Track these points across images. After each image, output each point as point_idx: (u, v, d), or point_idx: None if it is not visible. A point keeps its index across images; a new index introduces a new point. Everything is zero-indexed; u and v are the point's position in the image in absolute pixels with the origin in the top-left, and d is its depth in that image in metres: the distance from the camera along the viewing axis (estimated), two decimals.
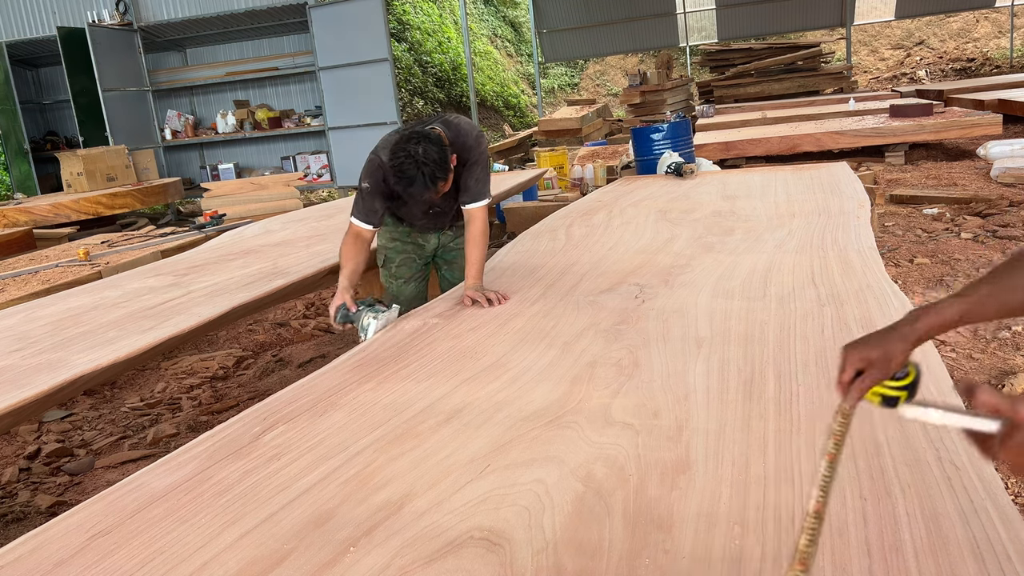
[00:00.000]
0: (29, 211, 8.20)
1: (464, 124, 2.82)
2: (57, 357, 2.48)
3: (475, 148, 2.78)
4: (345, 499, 1.43)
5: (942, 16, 18.57)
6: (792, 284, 2.52)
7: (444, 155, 2.54)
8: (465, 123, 2.83)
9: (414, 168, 2.47)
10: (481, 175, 2.80)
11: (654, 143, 6.94)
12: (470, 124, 2.85)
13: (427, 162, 2.48)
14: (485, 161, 2.82)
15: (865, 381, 1.07)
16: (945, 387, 1.64)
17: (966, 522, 1.17)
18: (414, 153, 2.48)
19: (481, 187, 2.80)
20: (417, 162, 2.47)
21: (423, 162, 2.47)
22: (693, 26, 17.96)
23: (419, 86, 16.22)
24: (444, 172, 2.54)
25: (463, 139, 2.76)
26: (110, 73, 10.89)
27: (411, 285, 3.16)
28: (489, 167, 2.85)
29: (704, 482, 1.36)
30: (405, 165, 2.48)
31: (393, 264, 3.15)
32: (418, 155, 2.47)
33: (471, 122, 2.88)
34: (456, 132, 2.76)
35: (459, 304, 2.69)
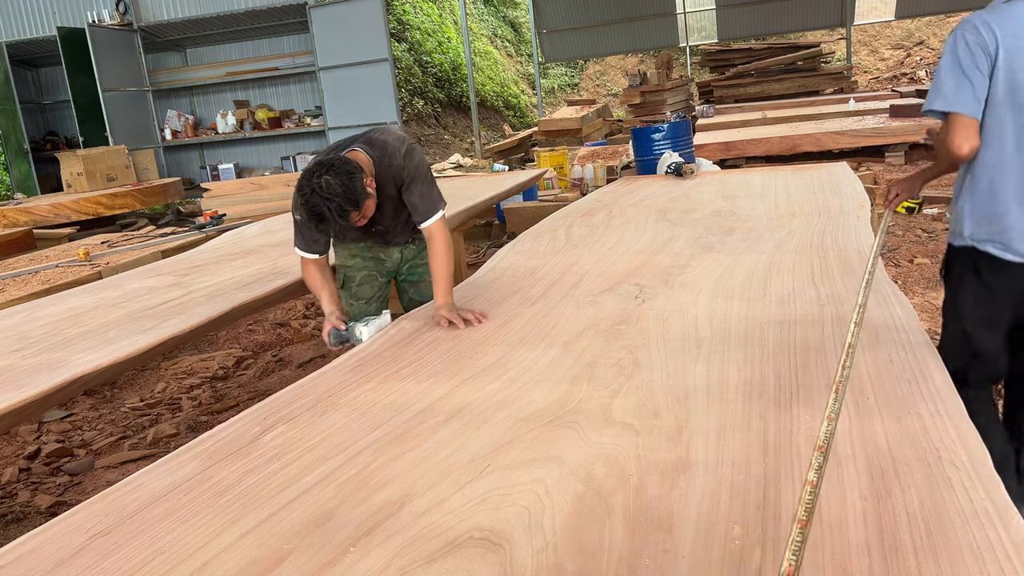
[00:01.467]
0: (29, 211, 8.20)
1: (391, 140, 2.63)
2: (57, 357, 2.48)
3: (406, 165, 2.60)
4: (345, 499, 1.43)
5: (942, 16, 18.56)
6: (792, 284, 2.52)
7: (351, 184, 2.35)
8: (393, 139, 2.64)
9: (320, 203, 2.32)
10: (424, 189, 2.62)
11: (654, 143, 6.94)
12: (398, 139, 2.66)
13: (331, 196, 2.31)
14: (423, 174, 2.64)
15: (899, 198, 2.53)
16: (946, 388, 1.64)
17: (966, 522, 1.17)
18: (317, 188, 2.32)
19: (427, 202, 2.63)
20: (322, 197, 2.31)
21: (326, 197, 2.31)
22: (693, 26, 17.95)
23: (419, 86, 16.22)
24: (353, 202, 2.36)
25: (389, 159, 2.59)
26: (110, 73, 10.89)
27: (374, 305, 2.96)
28: (430, 177, 2.67)
29: (704, 482, 1.36)
30: (312, 201, 2.33)
31: (353, 283, 2.95)
32: (321, 190, 2.31)
33: (399, 135, 2.69)
34: (382, 151, 2.59)
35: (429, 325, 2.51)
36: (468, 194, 5.14)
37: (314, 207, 2.33)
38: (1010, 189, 2.04)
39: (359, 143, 2.61)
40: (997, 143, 2.03)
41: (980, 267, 2.16)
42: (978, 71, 1.98)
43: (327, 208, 2.31)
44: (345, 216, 2.36)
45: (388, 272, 2.98)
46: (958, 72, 2.00)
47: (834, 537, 1.17)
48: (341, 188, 2.32)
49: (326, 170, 2.35)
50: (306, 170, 2.41)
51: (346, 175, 2.35)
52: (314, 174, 2.35)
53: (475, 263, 6.06)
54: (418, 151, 2.67)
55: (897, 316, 2.10)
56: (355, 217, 2.41)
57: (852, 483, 1.31)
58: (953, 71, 2.01)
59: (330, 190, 2.31)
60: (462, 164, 12.45)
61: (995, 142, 2.03)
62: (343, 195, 2.33)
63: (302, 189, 2.37)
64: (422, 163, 2.66)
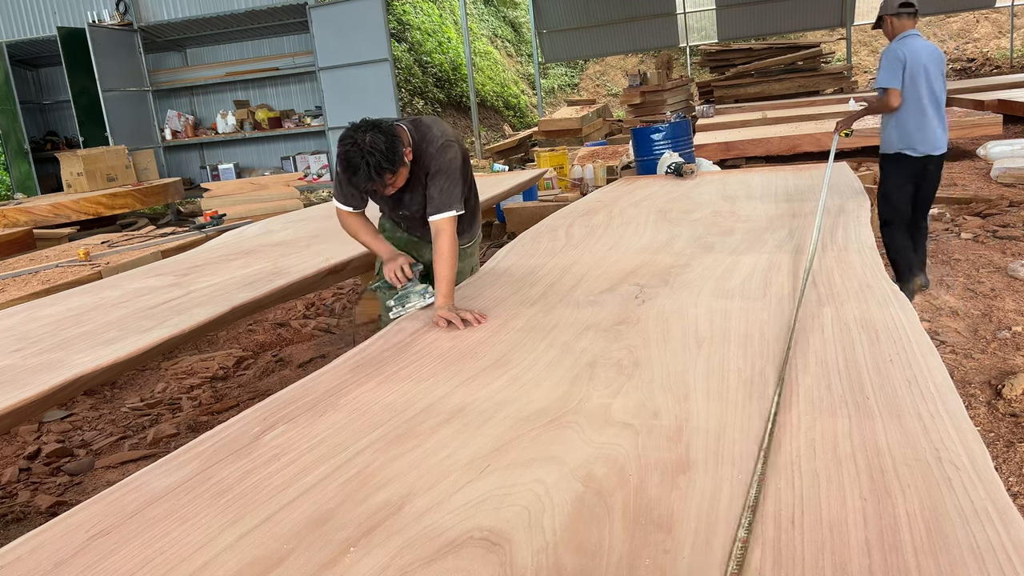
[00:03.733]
0: (29, 211, 8.20)
1: (435, 131, 2.69)
2: (57, 357, 2.48)
3: (438, 156, 2.64)
4: (345, 499, 1.43)
5: (942, 16, 18.57)
6: (792, 284, 2.52)
7: (394, 146, 2.43)
8: (437, 130, 2.69)
9: (359, 156, 2.40)
10: (446, 185, 2.64)
11: (654, 143, 6.94)
12: (442, 132, 2.70)
13: (373, 151, 2.39)
14: (451, 172, 2.66)
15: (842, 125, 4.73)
16: (946, 388, 1.64)
17: (966, 522, 1.17)
18: (360, 141, 2.40)
19: (444, 198, 2.64)
20: (362, 151, 2.39)
21: (368, 151, 2.39)
22: (693, 26, 17.96)
23: (419, 86, 16.22)
24: (391, 163, 2.44)
25: (426, 145, 2.65)
26: (110, 73, 10.89)
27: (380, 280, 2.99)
28: (457, 179, 2.68)
29: (704, 482, 1.36)
30: (351, 153, 2.41)
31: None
32: (364, 144, 2.39)
33: (445, 129, 2.73)
34: (422, 135, 2.65)
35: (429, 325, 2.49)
36: None
37: (352, 159, 2.41)
38: (912, 123, 4.18)
39: (404, 122, 2.66)
40: (907, 101, 4.15)
41: (900, 160, 4.26)
42: (899, 68, 4.13)
43: (365, 162, 2.38)
44: (381, 174, 2.42)
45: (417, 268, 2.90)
46: (890, 70, 4.16)
47: (834, 537, 1.16)
48: (384, 146, 2.40)
49: (372, 127, 2.42)
50: (352, 125, 2.47)
51: (390, 138, 2.43)
52: (360, 128, 2.43)
53: None
54: (453, 149, 2.69)
55: (897, 316, 2.10)
56: (388, 179, 2.48)
57: (852, 483, 1.31)
58: (888, 69, 4.17)
59: (373, 145, 2.38)
60: None
61: (906, 101, 4.15)
62: (384, 152, 2.39)
63: (343, 141, 2.43)
64: (454, 161, 2.67)
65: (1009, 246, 5.10)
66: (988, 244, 5.23)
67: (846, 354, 1.88)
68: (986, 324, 3.83)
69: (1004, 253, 4.96)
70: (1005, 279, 4.44)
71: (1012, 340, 3.61)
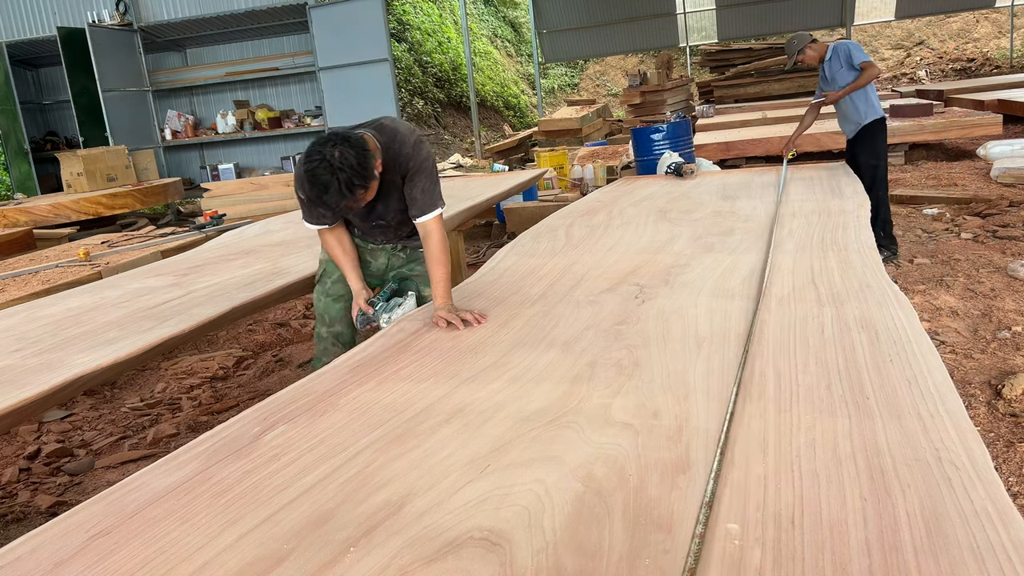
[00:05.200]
0: (29, 211, 8.20)
1: (402, 129, 2.56)
2: (57, 357, 2.48)
3: (414, 156, 2.52)
4: (345, 499, 1.43)
5: (942, 16, 18.57)
6: (792, 284, 2.52)
7: (364, 160, 2.29)
8: (403, 128, 2.57)
9: (328, 174, 2.23)
10: (427, 184, 2.54)
11: (654, 143, 6.95)
12: (409, 129, 2.59)
13: (343, 167, 2.23)
14: (429, 169, 2.56)
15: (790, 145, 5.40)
16: (946, 388, 1.64)
17: (966, 522, 1.17)
18: (329, 157, 2.23)
19: (429, 197, 2.54)
20: (332, 167, 2.23)
21: (338, 167, 2.23)
22: (693, 26, 17.96)
23: (419, 86, 16.23)
24: (363, 179, 2.29)
25: (398, 146, 2.50)
26: (110, 73, 10.89)
27: (340, 304, 2.85)
28: (435, 174, 2.60)
29: (704, 482, 1.36)
30: (319, 170, 2.24)
31: (330, 279, 2.86)
32: (333, 159, 2.23)
33: (410, 127, 2.63)
34: (391, 138, 2.51)
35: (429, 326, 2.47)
36: (468, 194, 5.14)
37: (320, 176, 2.24)
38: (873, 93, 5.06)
39: (368, 128, 2.52)
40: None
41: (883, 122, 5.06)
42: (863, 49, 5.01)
43: (336, 179, 2.23)
44: (353, 190, 2.27)
45: (370, 277, 2.83)
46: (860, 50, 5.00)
47: (834, 537, 1.16)
48: (355, 160, 2.25)
49: (341, 140, 2.27)
50: (315, 141, 2.31)
51: (360, 151, 2.28)
52: (327, 143, 2.26)
53: (475, 263, 6.06)
54: (427, 146, 2.60)
55: (897, 316, 2.10)
56: (360, 195, 2.33)
57: (852, 483, 1.31)
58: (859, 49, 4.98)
59: (344, 160, 2.23)
60: (462, 164, 12.45)
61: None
62: (354, 167, 2.25)
63: (311, 157, 2.26)
64: (429, 157, 2.58)
65: (1009, 246, 5.10)
66: (988, 244, 5.23)
67: (846, 354, 1.88)
68: (986, 324, 3.83)
69: (1004, 253, 4.96)
70: (1005, 279, 4.44)
71: (1012, 340, 3.60)
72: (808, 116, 5.37)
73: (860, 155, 5.07)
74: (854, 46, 5.01)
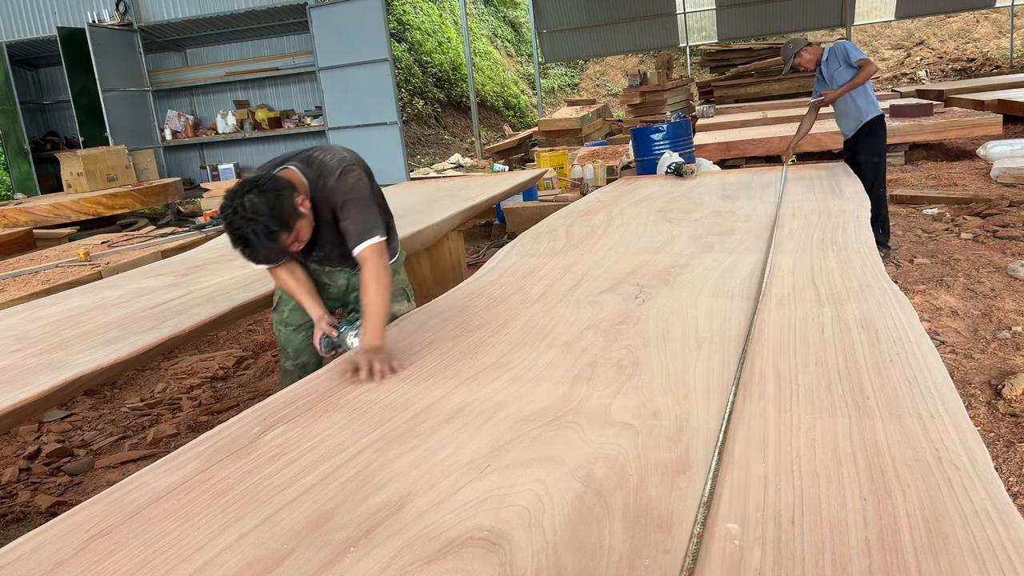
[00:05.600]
0: (29, 211, 8.20)
1: (329, 160, 2.37)
2: (57, 357, 2.48)
3: (338, 187, 2.33)
4: (345, 499, 1.43)
5: (942, 16, 18.57)
6: (792, 284, 2.52)
7: (280, 204, 2.13)
8: (331, 158, 2.38)
9: (244, 226, 2.11)
10: (357, 214, 2.33)
11: (654, 143, 6.94)
12: (337, 159, 2.38)
13: (255, 217, 2.09)
14: (359, 196, 2.34)
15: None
16: (946, 388, 1.64)
17: (966, 522, 1.17)
18: (239, 209, 2.11)
19: (362, 226, 2.32)
20: (244, 218, 2.10)
21: (250, 218, 2.10)
22: (693, 26, 17.96)
23: (419, 86, 16.23)
24: (281, 222, 2.14)
25: (324, 180, 2.34)
26: (110, 73, 10.89)
27: (302, 335, 2.69)
28: (368, 203, 2.36)
29: (704, 482, 1.36)
30: (235, 223, 2.12)
31: (286, 308, 2.70)
32: (243, 210, 2.10)
33: (342, 155, 2.41)
34: (318, 172, 2.35)
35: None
36: (468, 194, 5.14)
37: (237, 230, 2.12)
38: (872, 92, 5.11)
39: (295, 161, 2.38)
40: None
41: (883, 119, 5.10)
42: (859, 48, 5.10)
43: (251, 230, 2.10)
44: (274, 238, 2.14)
45: (331, 300, 2.67)
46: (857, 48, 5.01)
47: (834, 537, 1.17)
48: (267, 207, 2.11)
49: (250, 188, 2.13)
50: (229, 190, 2.18)
51: (273, 193, 2.14)
52: (237, 193, 2.14)
53: (475, 263, 6.06)
54: (356, 172, 2.38)
55: (897, 316, 2.10)
56: (286, 240, 2.20)
57: (852, 483, 1.31)
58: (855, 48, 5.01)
59: (254, 210, 2.10)
60: (462, 164, 12.45)
61: None
62: (269, 214, 2.11)
63: (224, 210, 2.15)
64: (359, 184, 2.36)
65: (1009, 246, 5.10)
66: (988, 244, 5.23)
67: (846, 354, 1.88)
68: (986, 324, 3.83)
69: (1004, 253, 4.96)
70: (1005, 279, 4.44)
71: (1012, 340, 3.60)
72: (807, 119, 5.40)
73: (861, 153, 5.09)
74: (851, 45, 5.06)
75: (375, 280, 2.26)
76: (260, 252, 2.18)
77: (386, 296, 2.27)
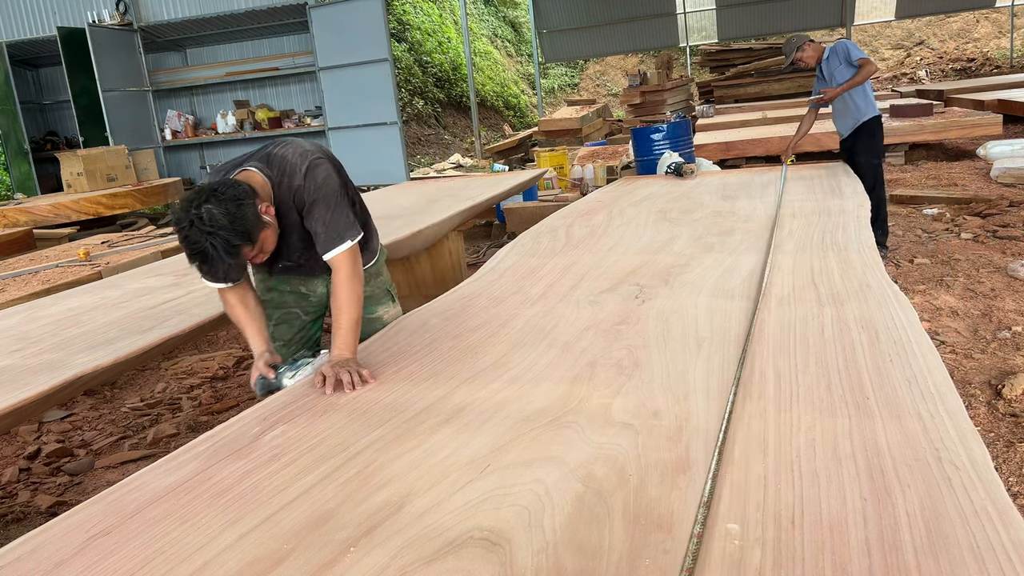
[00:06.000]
0: (29, 211, 8.21)
1: (291, 156, 2.18)
2: (57, 357, 2.48)
3: (306, 185, 2.14)
4: (345, 499, 1.43)
5: (942, 16, 18.57)
6: (792, 284, 2.52)
7: (240, 213, 1.94)
8: (294, 153, 2.19)
9: (202, 239, 1.91)
10: (328, 216, 2.15)
11: (654, 143, 6.94)
12: (300, 153, 2.19)
13: (214, 229, 1.90)
14: (328, 195, 2.17)
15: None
16: (946, 388, 1.64)
17: (966, 522, 1.17)
18: (195, 221, 1.91)
19: (332, 230, 2.15)
20: (202, 231, 1.91)
21: (208, 231, 1.90)
22: (693, 26, 17.97)
23: (419, 86, 16.23)
24: (243, 234, 1.95)
25: (288, 179, 2.15)
26: (110, 73, 10.89)
27: (292, 348, 2.52)
28: (339, 201, 2.19)
29: (704, 482, 1.36)
30: (192, 237, 1.92)
31: (271, 322, 2.47)
32: (201, 223, 1.90)
33: (304, 149, 2.21)
34: (280, 170, 2.16)
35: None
36: (468, 194, 5.14)
37: (195, 244, 1.93)
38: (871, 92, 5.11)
39: (253, 161, 2.18)
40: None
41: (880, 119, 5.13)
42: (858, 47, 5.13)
43: (210, 244, 1.91)
44: (235, 253, 1.96)
45: (314, 309, 2.52)
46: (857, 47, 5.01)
47: (834, 537, 1.16)
48: (227, 218, 1.92)
49: (207, 197, 1.93)
50: (183, 198, 1.98)
51: (233, 201, 1.94)
52: (192, 203, 1.94)
53: (475, 263, 6.06)
54: (324, 167, 2.20)
55: (897, 316, 2.10)
56: (249, 253, 2.03)
57: (852, 483, 1.31)
58: (856, 47, 5.02)
59: (212, 222, 1.90)
60: (462, 164, 12.45)
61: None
62: (229, 227, 1.92)
63: (179, 222, 1.94)
64: (328, 181, 2.18)
65: (1009, 246, 5.10)
66: (988, 244, 5.23)
67: (846, 354, 1.88)
68: (986, 324, 3.83)
69: (1004, 253, 4.96)
70: (1005, 279, 4.44)
71: (1012, 340, 3.60)
72: (807, 119, 5.42)
73: (860, 154, 5.09)
74: (851, 44, 5.08)
75: (347, 289, 2.13)
76: (220, 268, 2.00)
77: (358, 306, 2.15)
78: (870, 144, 5.09)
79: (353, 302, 2.13)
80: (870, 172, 4.97)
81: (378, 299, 2.62)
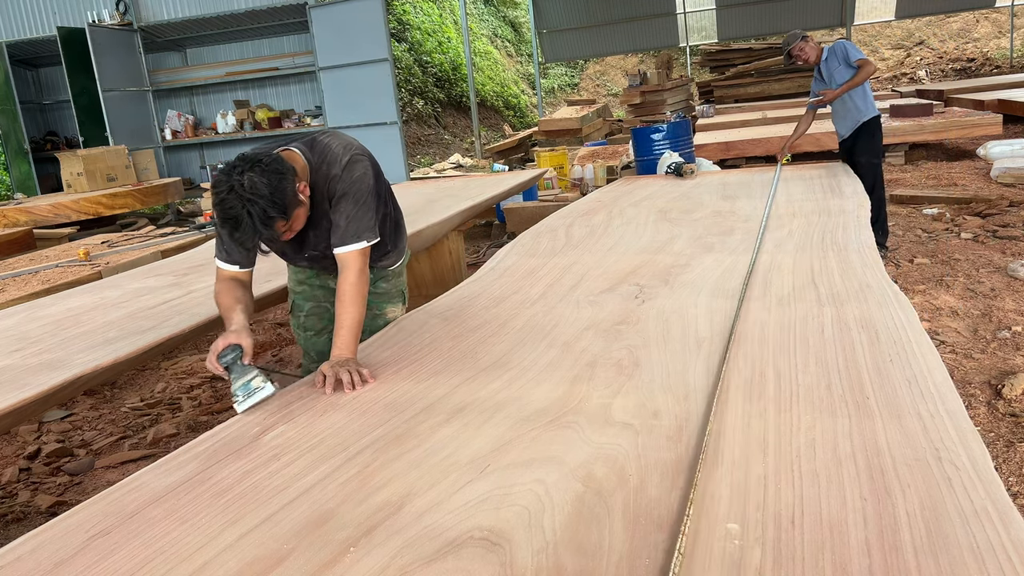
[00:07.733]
0: (29, 211, 8.21)
1: (335, 146, 2.22)
2: (57, 357, 2.48)
3: (343, 177, 2.18)
4: (345, 499, 1.43)
5: (942, 16, 18.57)
6: (792, 284, 2.52)
7: (281, 187, 1.95)
8: (338, 145, 2.23)
9: (239, 206, 1.90)
10: (353, 212, 2.18)
11: (654, 143, 6.94)
12: (345, 146, 2.23)
13: (254, 197, 1.90)
14: (358, 193, 2.20)
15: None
16: (946, 388, 1.64)
17: (966, 522, 1.17)
18: (237, 187, 1.90)
19: (354, 226, 2.17)
20: (242, 198, 1.90)
21: (248, 198, 1.90)
22: (693, 26, 17.97)
23: (419, 86, 16.23)
24: (280, 207, 1.95)
25: (327, 167, 2.18)
26: (110, 73, 10.89)
27: (324, 338, 2.57)
28: (367, 201, 2.22)
29: (704, 482, 1.36)
30: (228, 202, 1.91)
31: (301, 313, 2.60)
32: (242, 189, 1.90)
33: (348, 142, 2.26)
34: (321, 157, 2.19)
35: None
36: (468, 194, 5.14)
37: (230, 209, 1.91)
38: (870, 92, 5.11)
39: (298, 143, 2.22)
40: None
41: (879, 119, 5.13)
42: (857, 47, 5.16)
43: (248, 211, 1.90)
44: (269, 224, 1.95)
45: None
46: (856, 48, 5.01)
47: (834, 537, 1.16)
48: (268, 189, 1.92)
49: (251, 165, 1.94)
50: (225, 165, 1.99)
51: (275, 174, 1.95)
52: (235, 169, 1.94)
53: (475, 263, 6.06)
54: (363, 164, 2.24)
55: (897, 316, 2.10)
56: (281, 227, 2.02)
57: (852, 483, 1.31)
58: (854, 48, 5.02)
59: (253, 190, 1.90)
60: (462, 164, 12.46)
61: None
62: (269, 197, 1.92)
63: (218, 186, 1.94)
64: (363, 179, 2.22)
65: (1009, 246, 5.10)
66: (988, 244, 5.23)
67: (846, 354, 1.88)
68: (986, 324, 3.83)
69: (1004, 253, 4.96)
70: (1005, 279, 4.44)
71: (1012, 340, 3.60)
72: (804, 120, 5.42)
73: (860, 154, 5.09)
74: (850, 45, 5.09)
75: (354, 288, 2.14)
76: (250, 237, 1.96)
77: (361, 306, 2.15)
78: (870, 144, 5.10)
79: (358, 302, 2.15)
80: (870, 172, 4.97)
81: (391, 297, 2.67)
